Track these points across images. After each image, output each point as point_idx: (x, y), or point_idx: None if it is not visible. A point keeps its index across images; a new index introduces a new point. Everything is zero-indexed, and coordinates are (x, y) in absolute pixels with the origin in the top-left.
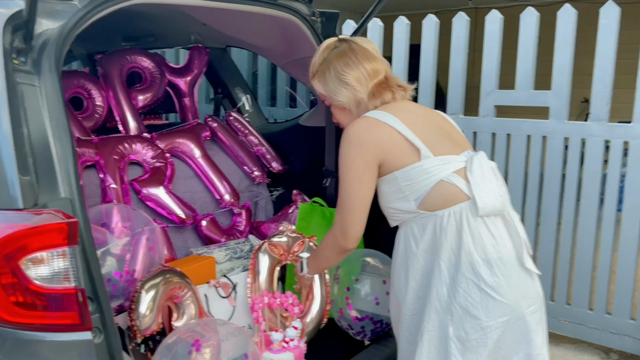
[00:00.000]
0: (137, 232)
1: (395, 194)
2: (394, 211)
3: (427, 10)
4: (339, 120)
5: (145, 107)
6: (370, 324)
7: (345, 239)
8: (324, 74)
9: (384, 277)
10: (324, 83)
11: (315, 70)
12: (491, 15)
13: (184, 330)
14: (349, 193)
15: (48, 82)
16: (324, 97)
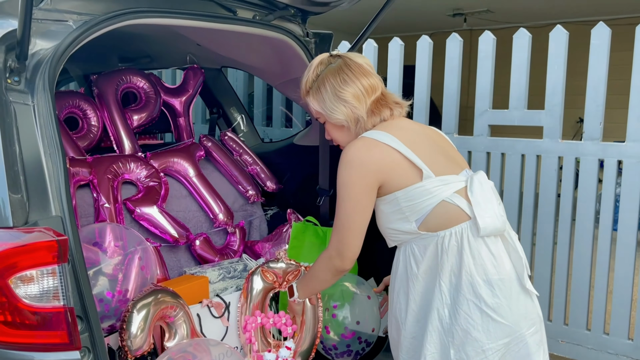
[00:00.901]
0: (129, 251)
1: (396, 214)
2: (394, 232)
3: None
4: (335, 138)
5: (140, 127)
6: (356, 340)
7: (342, 260)
8: (319, 91)
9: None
10: (320, 100)
11: (309, 87)
12: (484, 37)
13: (176, 350)
14: (347, 214)
15: (41, 101)
16: (319, 115)
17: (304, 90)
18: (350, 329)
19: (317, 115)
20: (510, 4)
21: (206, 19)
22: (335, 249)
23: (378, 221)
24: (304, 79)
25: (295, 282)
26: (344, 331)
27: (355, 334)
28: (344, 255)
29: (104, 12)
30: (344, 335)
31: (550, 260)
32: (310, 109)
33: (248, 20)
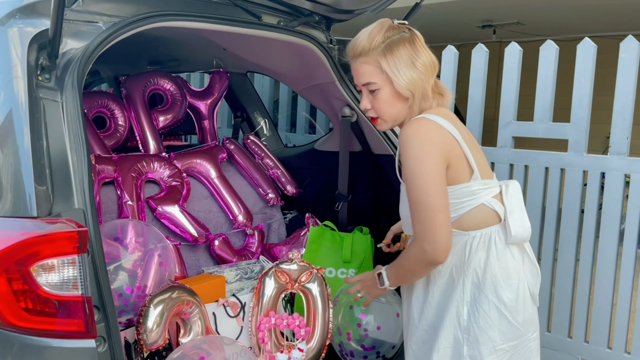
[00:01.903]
0: (149, 248)
1: None
2: None
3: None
4: (382, 108)
5: (165, 128)
6: (374, 355)
7: (434, 250)
8: (392, 54)
9: (390, 305)
10: (392, 62)
11: (374, 47)
12: (510, 48)
13: (190, 346)
14: (428, 194)
15: (70, 98)
16: (376, 79)
17: (365, 48)
18: (370, 341)
19: (372, 79)
20: (541, 17)
21: (232, 24)
22: (425, 239)
23: (406, 207)
24: (366, 39)
25: (384, 270)
26: (365, 342)
27: (374, 347)
28: (437, 243)
29: (133, 14)
30: (364, 346)
31: (572, 277)
32: (366, 71)
33: (272, 25)
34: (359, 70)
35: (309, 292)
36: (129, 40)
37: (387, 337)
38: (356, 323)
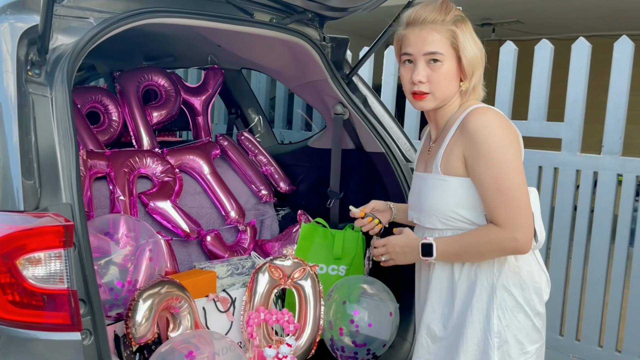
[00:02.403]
0: (141, 243)
1: (470, 201)
2: (457, 217)
3: None
4: (439, 82)
5: (159, 124)
6: (364, 351)
7: (526, 240)
8: (464, 26)
9: (383, 302)
10: (464, 33)
11: (447, 18)
12: (505, 47)
13: (179, 340)
14: (519, 183)
15: (59, 94)
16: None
17: (435, 17)
18: (362, 338)
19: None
20: (541, 15)
21: (223, 21)
22: (518, 228)
23: (438, 199)
24: (439, 8)
25: (433, 240)
26: (357, 338)
27: (366, 344)
28: (529, 233)
29: (125, 10)
30: (355, 342)
31: (564, 275)
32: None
33: (265, 23)
34: (426, 37)
35: (302, 289)
36: (125, 36)
37: (378, 334)
38: (349, 319)
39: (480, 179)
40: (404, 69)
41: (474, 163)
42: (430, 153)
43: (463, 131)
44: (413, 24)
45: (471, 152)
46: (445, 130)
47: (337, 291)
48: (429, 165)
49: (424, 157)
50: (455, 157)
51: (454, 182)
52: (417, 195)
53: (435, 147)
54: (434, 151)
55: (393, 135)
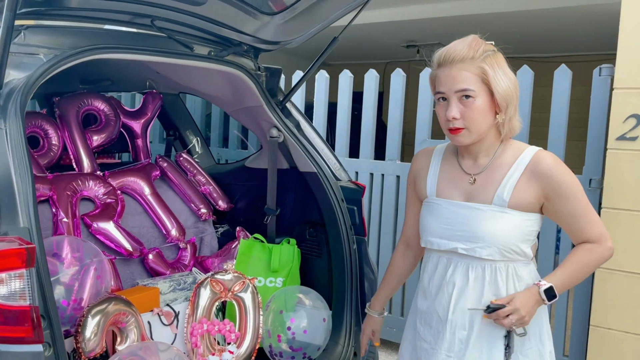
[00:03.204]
0: (85, 262)
1: (531, 235)
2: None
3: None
4: (474, 118)
5: (99, 147)
6: (301, 355)
7: (613, 249)
8: (494, 61)
9: (317, 310)
10: (496, 69)
11: (477, 55)
12: (424, 73)
13: (126, 353)
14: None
15: (13, 125)
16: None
17: (465, 55)
18: (298, 343)
19: (471, 86)
20: None
21: (165, 55)
22: (608, 239)
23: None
24: (465, 46)
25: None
26: (294, 344)
27: (302, 349)
28: (610, 238)
29: (71, 46)
30: (292, 347)
31: None
32: (463, 78)
33: (204, 56)
34: (456, 76)
35: (242, 301)
36: None
37: (313, 339)
38: (286, 327)
39: (571, 212)
40: (439, 107)
41: (559, 202)
42: (476, 183)
43: (539, 174)
44: (443, 64)
45: (555, 192)
46: (497, 165)
47: (275, 301)
48: (478, 195)
49: (460, 186)
50: (532, 196)
51: (520, 217)
52: (462, 224)
53: (487, 180)
54: (485, 183)
55: (324, 156)
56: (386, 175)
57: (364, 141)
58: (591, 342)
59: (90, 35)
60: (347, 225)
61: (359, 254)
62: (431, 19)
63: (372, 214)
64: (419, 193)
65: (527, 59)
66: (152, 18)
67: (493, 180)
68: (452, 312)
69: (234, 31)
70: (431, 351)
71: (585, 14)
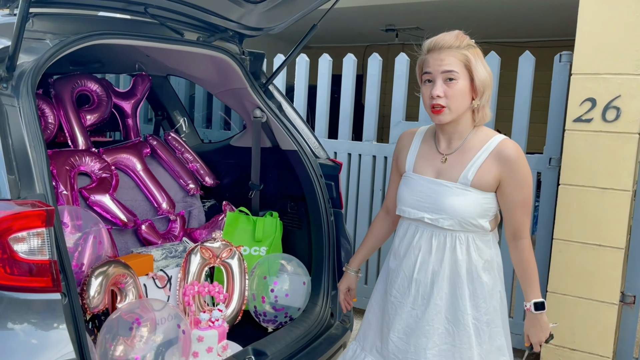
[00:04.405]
0: (85, 230)
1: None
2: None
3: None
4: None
5: (92, 126)
6: (283, 315)
7: None
8: (476, 52)
9: (298, 276)
10: (476, 57)
11: (462, 45)
12: (399, 58)
13: (125, 310)
14: (531, 200)
15: (25, 103)
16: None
17: (452, 44)
18: (280, 304)
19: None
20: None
21: (158, 40)
22: (529, 232)
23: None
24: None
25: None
26: (277, 305)
27: (284, 309)
28: None
29: (74, 32)
30: (275, 307)
31: None
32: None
33: (193, 42)
34: (444, 59)
35: (229, 266)
36: None
37: (294, 302)
38: (269, 289)
39: (514, 200)
40: (425, 87)
41: (509, 187)
42: (446, 163)
43: (501, 159)
44: (433, 50)
45: (510, 178)
46: (467, 148)
47: (259, 268)
48: (447, 174)
49: (433, 164)
50: (491, 177)
51: (480, 195)
52: (432, 198)
53: (457, 161)
54: (454, 163)
55: (304, 135)
56: (363, 155)
57: (342, 123)
58: (548, 306)
59: (91, 22)
60: (325, 199)
61: (336, 225)
62: (409, 4)
63: (350, 191)
64: (400, 168)
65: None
66: (145, 5)
67: (461, 161)
68: (417, 272)
69: (220, 18)
70: (398, 304)
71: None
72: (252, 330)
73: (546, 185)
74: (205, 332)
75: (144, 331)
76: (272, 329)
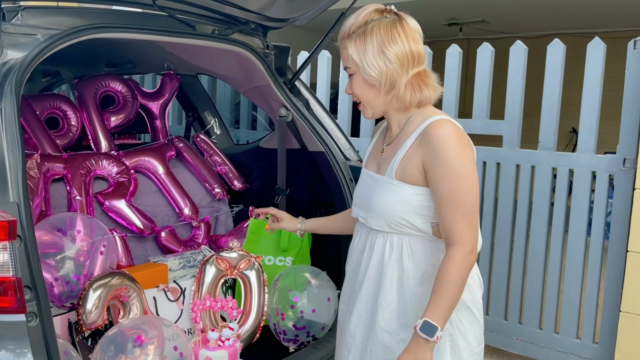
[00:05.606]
0: (95, 239)
1: (423, 210)
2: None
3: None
4: (358, 94)
5: (117, 127)
6: (305, 334)
7: (475, 251)
8: (364, 38)
9: (323, 290)
10: (360, 48)
11: (352, 31)
12: (451, 50)
13: (129, 326)
14: (474, 196)
15: (8, 104)
16: (351, 64)
17: (345, 33)
18: (305, 320)
19: (348, 64)
20: (506, 15)
21: (164, 34)
22: (471, 240)
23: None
24: (350, 22)
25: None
26: (298, 322)
27: (306, 327)
28: (477, 245)
29: (70, 26)
30: (295, 325)
31: (507, 265)
32: (344, 56)
33: (206, 35)
34: (340, 53)
35: (247, 278)
36: (86, 45)
37: (319, 318)
38: (293, 305)
39: (439, 192)
40: None
41: (434, 175)
42: (383, 155)
43: (423, 142)
44: (338, 41)
45: (432, 164)
46: (403, 135)
47: (282, 280)
48: (382, 167)
49: (377, 157)
50: (414, 166)
51: (408, 190)
52: (365, 194)
53: (391, 151)
54: (389, 154)
55: (333, 135)
56: None
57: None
58: (621, 328)
59: (90, 15)
60: None
61: None
62: None
63: None
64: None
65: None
66: None
67: (394, 151)
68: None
69: (239, 9)
70: (346, 310)
71: None
72: (272, 350)
73: (620, 190)
74: (214, 353)
75: (148, 350)
76: (294, 348)
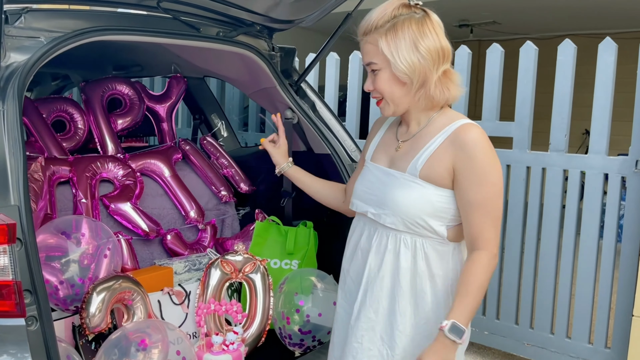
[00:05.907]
0: (100, 243)
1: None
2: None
3: None
4: (384, 91)
5: (124, 130)
6: (310, 338)
7: (497, 256)
8: (396, 32)
9: (330, 293)
10: (392, 43)
11: (380, 25)
12: (460, 51)
13: (133, 330)
14: (500, 202)
15: (10, 107)
16: (378, 59)
17: (372, 26)
18: (311, 324)
19: (374, 59)
20: (517, 16)
21: (168, 36)
22: (496, 246)
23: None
24: (376, 15)
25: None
26: (304, 326)
27: (311, 332)
28: (498, 249)
29: (74, 29)
30: (301, 329)
31: (518, 268)
32: (369, 50)
33: (211, 37)
34: (363, 49)
35: (252, 282)
36: (93, 48)
37: (326, 322)
38: (299, 309)
39: (469, 197)
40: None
41: (465, 180)
42: (400, 151)
43: (456, 144)
44: (359, 36)
45: (466, 168)
46: (424, 134)
47: (288, 283)
48: (398, 163)
49: (388, 152)
50: (443, 167)
51: (431, 190)
52: (378, 189)
53: (410, 148)
54: (407, 151)
55: (339, 137)
56: None
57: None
58: (634, 333)
59: (93, 18)
60: None
61: None
62: None
63: None
64: (364, 157)
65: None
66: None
67: (414, 148)
68: (365, 276)
69: (244, 11)
70: (338, 315)
71: None
72: (277, 354)
73: (632, 192)
74: (218, 357)
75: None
76: (300, 353)
